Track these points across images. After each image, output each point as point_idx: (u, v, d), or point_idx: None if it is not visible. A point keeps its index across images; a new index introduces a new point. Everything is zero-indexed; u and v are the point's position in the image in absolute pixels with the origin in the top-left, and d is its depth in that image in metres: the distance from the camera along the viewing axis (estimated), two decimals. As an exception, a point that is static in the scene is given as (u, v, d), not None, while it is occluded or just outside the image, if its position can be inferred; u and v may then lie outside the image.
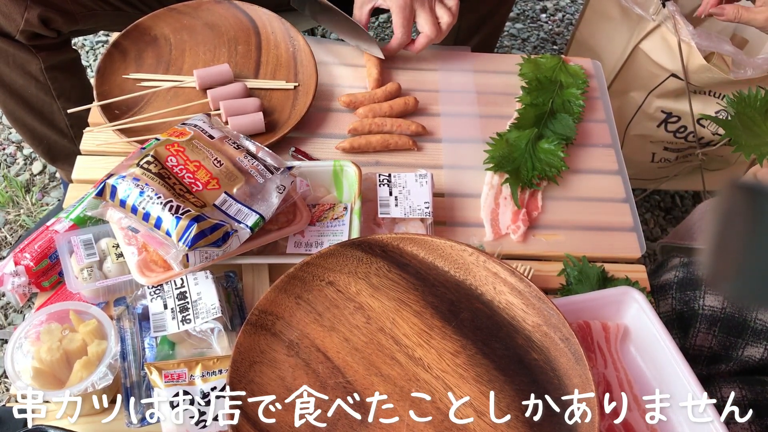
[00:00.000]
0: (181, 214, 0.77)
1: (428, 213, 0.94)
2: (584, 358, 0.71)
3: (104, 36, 2.13)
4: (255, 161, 0.86)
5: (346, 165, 0.94)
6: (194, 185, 0.82)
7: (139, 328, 0.82)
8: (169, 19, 1.15)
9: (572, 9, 2.36)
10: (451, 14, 1.11)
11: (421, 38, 1.12)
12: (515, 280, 0.77)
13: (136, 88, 1.07)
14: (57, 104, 1.31)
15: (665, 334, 0.81)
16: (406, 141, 1.07)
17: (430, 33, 1.11)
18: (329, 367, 0.75)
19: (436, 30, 1.11)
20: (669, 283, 1.01)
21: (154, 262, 0.82)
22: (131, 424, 0.75)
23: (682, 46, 1.42)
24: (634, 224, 1.03)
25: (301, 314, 0.77)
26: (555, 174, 1.05)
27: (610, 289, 0.87)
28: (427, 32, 1.11)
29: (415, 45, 1.13)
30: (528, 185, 1.03)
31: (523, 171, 1.03)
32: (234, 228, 0.80)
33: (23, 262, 0.85)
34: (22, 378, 0.74)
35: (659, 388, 0.83)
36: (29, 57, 1.22)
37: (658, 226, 1.87)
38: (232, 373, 0.71)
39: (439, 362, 0.75)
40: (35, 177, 1.82)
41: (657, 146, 1.64)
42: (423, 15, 1.10)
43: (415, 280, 0.80)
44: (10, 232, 1.71)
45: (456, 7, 1.12)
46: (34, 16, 1.14)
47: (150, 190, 0.78)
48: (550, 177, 1.05)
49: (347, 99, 1.10)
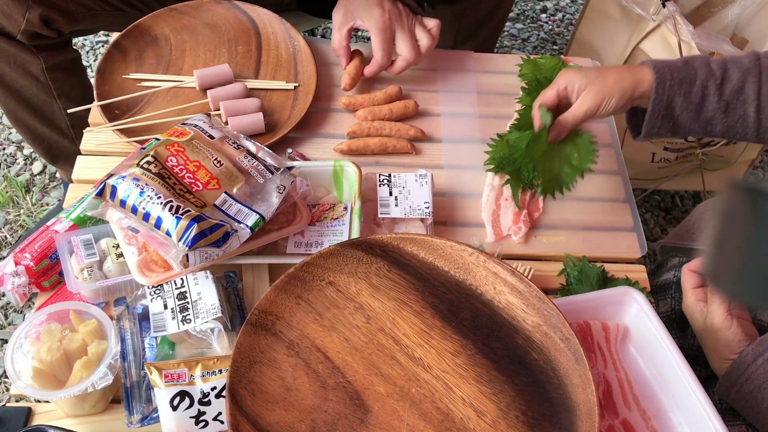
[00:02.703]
0: (181, 214, 0.77)
1: (428, 213, 0.94)
2: (584, 358, 0.71)
3: (104, 36, 2.13)
4: (255, 161, 0.86)
5: (347, 165, 0.94)
6: (194, 185, 0.82)
7: (139, 328, 0.82)
8: (169, 19, 1.15)
9: (572, 9, 2.36)
10: (431, 37, 1.09)
11: (400, 61, 1.09)
12: (515, 280, 0.77)
13: (136, 88, 1.07)
14: (58, 104, 1.32)
15: (665, 334, 0.81)
16: (404, 144, 1.07)
17: (409, 56, 1.08)
18: (329, 367, 0.75)
19: (416, 53, 1.08)
20: (668, 283, 1.01)
21: (154, 262, 0.82)
22: (131, 424, 0.75)
23: (682, 46, 1.42)
24: (634, 224, 1.03)
25: (301, 314, 0.77)
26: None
27: (610, 289, 0.87)
28: (405, 55, 1.08)
29: (393, 68, 1.10)
30: (529, 186, 1.03)
31: (523, 172, 1.03)
32: (234, 228, 0.80)
33: (23, 262, 0.85)
34: (22, 378, 0.74)
35: (659, 388, 0.83)
36: (30, 57, 1.22)
37: (658, 226, 1.87)
38: (232, 373, 0.71)
39: (439, 362, 0.75)
40: (35, 177, 1.82)
41: (657, 146, 1.64)
42: (402, 38, 1.07)
43: (415, 280, 0.80)
44: (10, 232, 1.71)
45: (437, 30, 1.10)
46: (36, 16, 1.14)
47: (150, 190, 0.78)
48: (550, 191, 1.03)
49: (347, 100, 1.10)
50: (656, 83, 0.88)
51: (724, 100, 0.88)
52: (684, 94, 0.88)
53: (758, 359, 0.79)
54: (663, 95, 0.88)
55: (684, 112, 0.89)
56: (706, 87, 0.88)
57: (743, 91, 0.88)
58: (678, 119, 0.90)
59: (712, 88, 0.88)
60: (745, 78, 0.88)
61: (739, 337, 0.82)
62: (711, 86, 0.88)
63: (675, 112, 0.89)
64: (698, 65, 0.89)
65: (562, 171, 1.01)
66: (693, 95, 0.88)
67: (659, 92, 0.88)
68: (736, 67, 0.89)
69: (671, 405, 0.81)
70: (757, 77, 0.88)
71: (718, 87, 0.88)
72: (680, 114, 0.89)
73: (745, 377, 0.80)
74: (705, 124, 0.90)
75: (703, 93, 0.88)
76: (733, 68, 0.89)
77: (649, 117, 0.89)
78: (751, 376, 0.80)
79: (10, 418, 0.78)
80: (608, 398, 0.81)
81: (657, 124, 0.90)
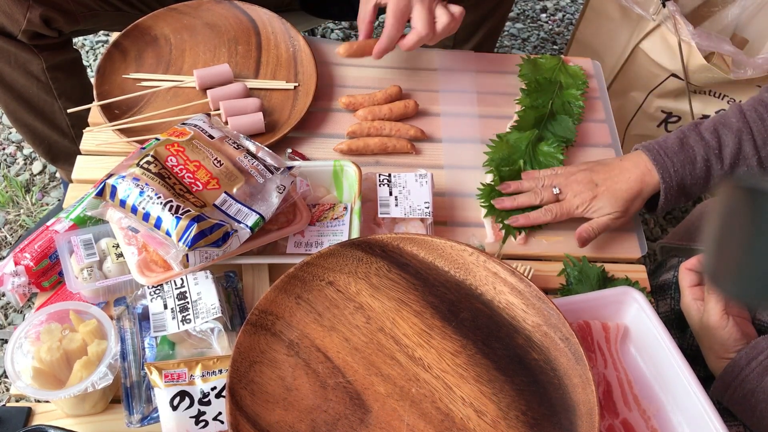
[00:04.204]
0: (181, 214, 0.77)
1: (428, 213, 0.94)
2: (584, 358, 0.71)
3: (104, 36, 2.13)
4: (255, 161, 0.86)
5: (347, 165, 0.94)
6: (194, 185, 0.82)
7: (139, 328, 0.82)
8: (169, 19, 1.15)
9: (572, 9, 2.36)
10: (452, 18, 1.02)
11: (412, 35, 1.02)
12: (515, 280, 0.77)
13: (136, 88, 1.07)
14: (58, 104, 1.32)
15: (665, 334, 0.81)
16: (404, 145, 1.07)
17: (422, 30, 1.00)
18: (329, 367, 0.75)
19: (429, 29, 1.01)
20: (668, 283, 1.01)
21: (154, 262, 0.82)
22: (131, 424, 0.75)
23: (682, 45, 1.42)
24: (634, 224, 1.03)
25: (301, 314, 0.77)
26: None
27: (610, 289, 0.87)
28: (419, 29, 1.01)
29: (404, 41, 1.03)
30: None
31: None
32: (234, 228, 0.80)
33: (23, 262, 0.85)
34: (22, 378, 0.74)
35: (659, 388, 0.83)
36: (31, 57, 1.22)
37: (658, 226, 1.87)
38: (232, 373, 0.71)
39: (439, 362, 0.75)
40: (35, 177, 1.82)
41: (657, 146, 1.64)
42: (419, 10, 1.00)
43: (415, 280, 0.80)
44: (10, 232, 1.71)
45: (460, 15, 1.03)
46: (36, 16, 1.14)
47: (150, 190, 0.78)
48: None
49: (347, 100, 1.10)
50: (661, 176, 0.94)
51: (728, 164, 0.94)
52: (690, 174, 0.94)
53: (752, 363, 0.80)
54: (672, 183, 0.94)
55: (693, 186, 0.95)
56: (708, 160, 0.94)
57: (742, 151, 0.94)
58: (689, 192, 0.96)
59: (713, 159, 0.94)
60: (740, 138, 0.94)
61: (735, 336, 0.82)
62: (712, 158, 0.94)
63: (686, 189, 0.96)
64: (693, 142, 0.95)
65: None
66: (698, 171, 0.94)
67: (667, 181, 0.94)
68: (727, 131, 0.95)
69: (671, 405, 0.81)
70: (750, 134, 0.94)
71: (718, 156, 0.94)
72: (690, 187, 0.96)
73: (739, 381, 0.80)
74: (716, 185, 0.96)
75: (706, 166, 0.94)
76: (726, 132, 0.95)
77: (663, 204, 0.96)
78: (745, 379, 0.80)
79: (10, 418, 0.78)
80: (608, 398, 0.81)
81: (671, 203, 0.96)
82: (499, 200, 1.00)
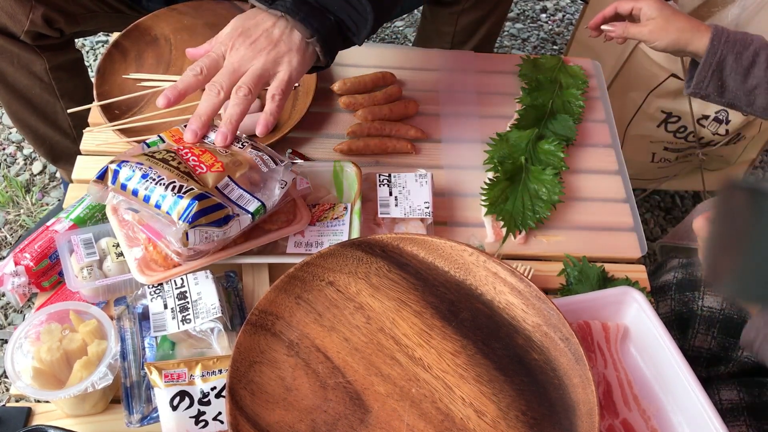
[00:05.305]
0: (183, 193, 0.75)
1: (428, 213, 0.94)
2: (584, 358, 0.71)
3: (104, 36, 2.13)
4: (260, 152, 0.85)
5: (347, 165, 0.94)
6: (198, 167, 0.80)
7: (139, 328, 0.82)
8: (169, 19, 1.15)
9: (572, 9, 2.36)
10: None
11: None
12: (515, 280, 0.77)
13: (136, 88, 1.07)
14: (60, 104, 1.32)
15: (665, 334, 0.81)
16: (404, 145, 1.07)
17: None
18: (329, 367, 0.75)
19: None
20: (668, 284, 1.01)
21: (154, 261, 0.82)
22: (131, 424, 0.75)
23: (682, 46, 1.42)
24: (634, 224, 1.03)
25: (301, 314, 0.77)
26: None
27: (610, 289, 0.87)
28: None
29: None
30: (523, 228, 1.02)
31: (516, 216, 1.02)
32: (236, 212, 0.79)
33: (23, 262, 0.85)
34: (22, 378, 0.74)
35: (659, 388, 0.83)
36: (34, 57, 1.22)
37: (658, 226, 1.87)
38: (232, 373, 0.71)
39: (439, 362, 0.75)
40: (35, 177, 1.82)
41: (657, 146, 1.64)
42: None
43: (415, 280, 0.80)
44: (10, 232, 1.71)
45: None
46: (39, 17, 1.14)
47: (153, 173, 0.77)
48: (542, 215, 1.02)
49: (347, 100, 1.10)
50: (712, 36, 0.96)
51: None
52: (736, 54, 0.95)
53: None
54: (717, 48, 0.95)
55: (733, 73, 0.96)
56: (758, 54, 0.95)
57: None
58: (726, 80, 0.97)
59: (763, 56, 0.95)
60: None
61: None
62: (762, 54, 0.95)
63: (725, 71, 0.96)
64: (755, 37, 0.97)
65: (536, 205, 1.01)
66: (744, 58, 0.95)
67: (714, 45, 0.95)
68: None
69: (671, 405, 0.81)
70: None
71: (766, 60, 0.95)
72: (729, 75, 0.97)
73: None
74: (749, 92, 0.97)
75: (753, 58, 0.95)
76: None
77: (701, 69, 0.97)
78: None
79: (10, 418, 0.78)
80: (608, 398, 0.81)
81: (707, 79, 0.97)
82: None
